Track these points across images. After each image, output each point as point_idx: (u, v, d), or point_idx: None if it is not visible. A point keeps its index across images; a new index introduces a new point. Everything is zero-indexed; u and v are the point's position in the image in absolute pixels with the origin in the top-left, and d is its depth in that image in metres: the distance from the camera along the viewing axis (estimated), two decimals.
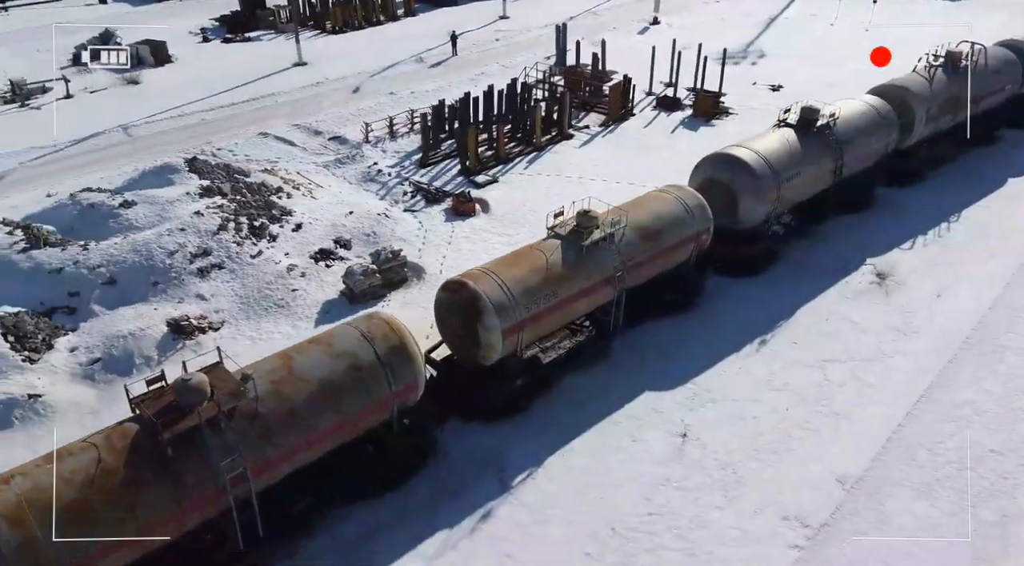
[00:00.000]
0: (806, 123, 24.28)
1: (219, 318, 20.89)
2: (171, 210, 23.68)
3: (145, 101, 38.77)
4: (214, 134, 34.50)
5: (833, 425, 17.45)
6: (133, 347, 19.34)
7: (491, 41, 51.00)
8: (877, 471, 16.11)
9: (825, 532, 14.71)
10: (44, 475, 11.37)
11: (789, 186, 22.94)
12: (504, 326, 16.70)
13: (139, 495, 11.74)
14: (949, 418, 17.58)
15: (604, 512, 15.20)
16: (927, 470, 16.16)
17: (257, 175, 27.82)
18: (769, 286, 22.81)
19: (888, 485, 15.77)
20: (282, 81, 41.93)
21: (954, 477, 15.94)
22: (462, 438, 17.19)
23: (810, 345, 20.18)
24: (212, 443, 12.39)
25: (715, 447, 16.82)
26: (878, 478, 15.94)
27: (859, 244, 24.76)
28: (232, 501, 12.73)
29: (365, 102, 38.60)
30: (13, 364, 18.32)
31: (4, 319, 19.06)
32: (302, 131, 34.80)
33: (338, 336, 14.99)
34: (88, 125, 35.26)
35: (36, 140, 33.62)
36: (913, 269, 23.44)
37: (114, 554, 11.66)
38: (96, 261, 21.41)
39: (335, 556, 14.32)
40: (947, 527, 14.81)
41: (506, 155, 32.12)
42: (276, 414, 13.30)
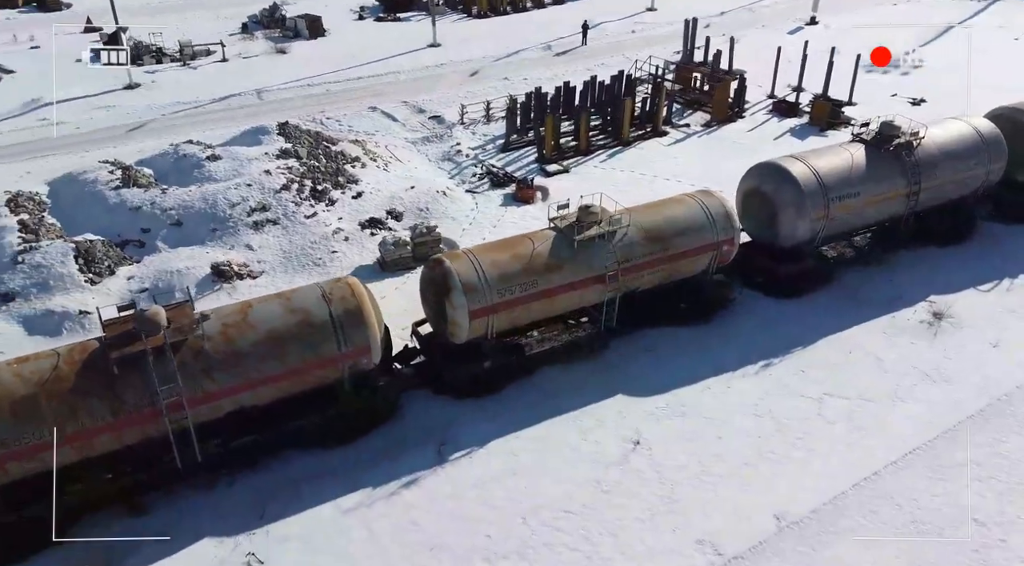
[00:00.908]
0: (881, 140, 22.31)
1: (260, 268, 22.95)
2: (246, 167, 26.15)
3: (285, 69, 42.34)
4: (331, 104, 37.17)
5: (802, 461, 16.28)
6: (177, 283, 21.81)
7: (627, 33, 50.44)
8: (825, 516, 14.91)
9: (736, 564, 13.94)
10: (7, 373, 13.49)
11: (843, 206, 21.25)
12: (472, 307, 17.13)
13: (80, 401, 13.57)
14: (940, 477, 15.81)
15: (523, 500, 15.33)
16: (887, 526, 14.72)
17: (344, 144, 29.84)
18: (804, 309, 21.37)
19: (831, 533, 14.56)
20: (410, 61, 44.07)
21: (915, 540, 14.43)
22: (426, 408, 17.90)
23: (818, 376, 18.80)
24: (154, 369, 13.99)
25: (663, 461, 16.30)
26: (823, 523, 14.75)
27: (929, 278, 22.44)
28: (168, 424, 14.31)
29: (478, 86, 39.77)
30: (76, 283, 21.34)
31: (80, 244, 22.18)
32: (408, 108, 36.60)
33: (300, 293, 16.20)
34: (230, 87, 39.23)
35: (182, 96, 38.00)
36: (980, 314, 20.96)
37: (63, 448, 13.57)
38: (169, 204, 24.24)
39: (266, 491, 15.57)
40: None
41: (587, 147, 32.04)
42: (220, 353, 14.71)
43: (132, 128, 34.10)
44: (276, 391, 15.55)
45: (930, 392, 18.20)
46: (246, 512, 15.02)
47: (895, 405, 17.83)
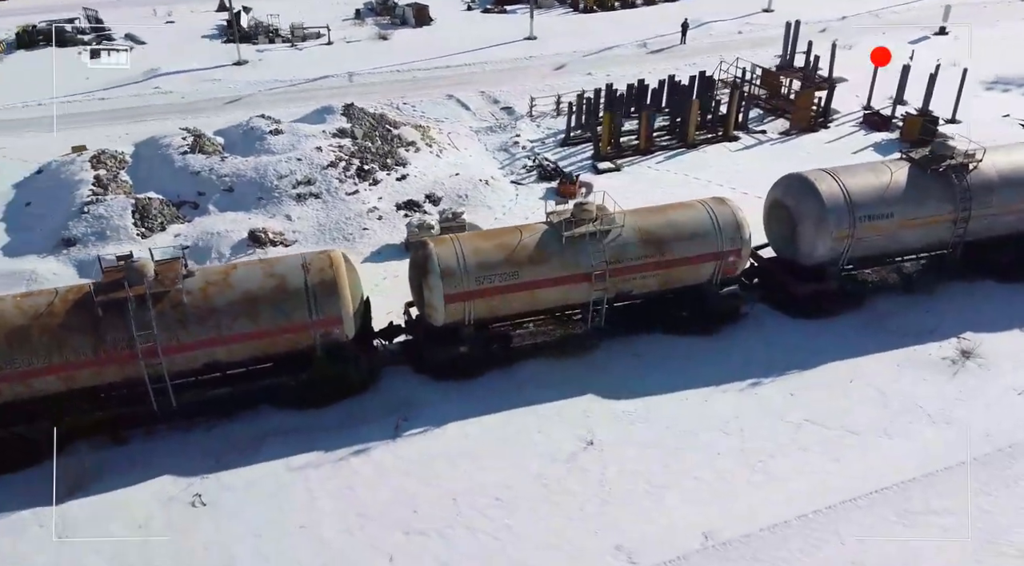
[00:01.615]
0: (930, 161, 20.66)
1: (293, 238, 24.39)
2: (302, 142, 27.72)
3: (382, 55, 44.19)
4: (414, 90, 38.55)
5: (755, 484, 15.56)
6: (214, 244, 23.62)
7: (733, 33, 48.86)
8: (759, 543, 14.23)
9: (640, 560, 13.67)
10: (8, 304, 15.31)
11: (874, 227, 19.89)
12: (448, 291, 17.54)
13: (65, 335, 15.17)
14: (903, 523, 14.65)
15: (461, 482, 15.60)
16: (822, 564, 13.90)
17: (404, 129, 30.94)
18: (819, 331, 20.24)
19: (759, 561, 13.89)
20: (502, 52, 44.78)
21: None
22: (402, 385, 18.53)
23: (806, 401, 17.81)
24: (134, 316, 15.40)
25: (611, 464, 16.07)
26: (754, 549, 14.08)
27: (973, 314, 20.58)
28: (144, 368, 15.71)
29: (559, 79, 39.93)
30: (130, 235, 23.58)
31: (140, 201, 24.44)
32: (484, 98, 37.35)
33: (283, 261, 17.23)
34: (326, 69, 41.48)
35: (281, 75, 40.60)
36: (1015, 357, 19.05)
37: (46, 377, 15.29)
38: (225, 172, 26.17)
39: (235, 441, 16.74)
40: None
41: (648, 146, 31.50)
42: (197, 308, 15.94)
43: (228, 101, 36.86)
44: (249, 349, 16.66)
45: (925, 432, 16.83)
46: (209, 457, 16.24)
47: (880, 441, 16.64)
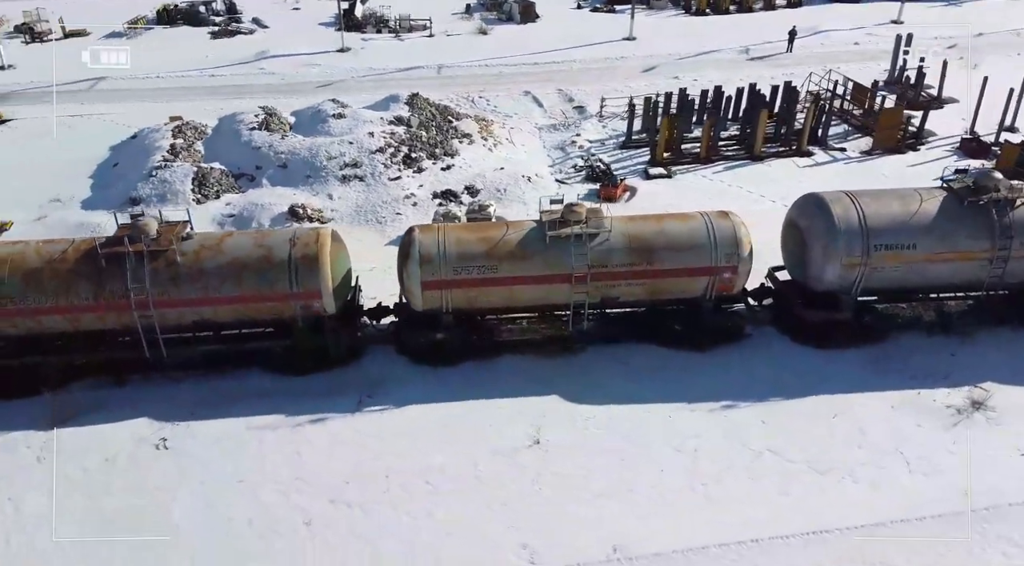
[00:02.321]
0: (970, 192, 18.93)
1: (330, 216, 25.73)
2: (359, 127, 29.05)
3: (478, 50, 45.28)
4: (494, 85, 39.31)
5: (688, 506, 15.01)
6: (257, 215, 25.34)
7: (849, 44, 46.27)
8: (666, 563, 13.81)
9: (542, 563, 13.63)
10: (26, 247, 17.33)
11: (892, 256, 18.49)
12: (425, 278, 18.04)
13: (71, 279, 16.98)
14: (846, 561, 13.75)
15: (398, 462, 16.08)
16: None
17: (464, 122, 31.71)
18: (822, 361, 19.10)
19: None
20: (596, 51, 44.70)
21: None
22: (382, 363, 19.22)
23: (777, 431, 16.90)
24: (130, 269, 17.01)
25: (552, 465, 16.02)
26: None
27: (1002, 363, 18.74)
28: (136, 318, 17.30)
29: (643, 81, 39.42)
30: (186, 200, 25.76)
31: (202, 169, 26.60)
32: (560, 96, 37.52)
33: (274, 233, 18.43)
34: (419, 60, 43.06)
35: (377, 63, 42.59)
36: None
37: (53, 315, 17.19)
38: (282, 149, 27.94)
39: (216, 395, 18.05)
40: None
41: (708, 155, 30.55)
42: (188, 268, 17.32)
43: (320, 85, 39.12)
44: (235, 312, 17.91)
45: (899, 479, 15.53)
46: (185, 408, 17.65)
47: (843, 482, 15.55)
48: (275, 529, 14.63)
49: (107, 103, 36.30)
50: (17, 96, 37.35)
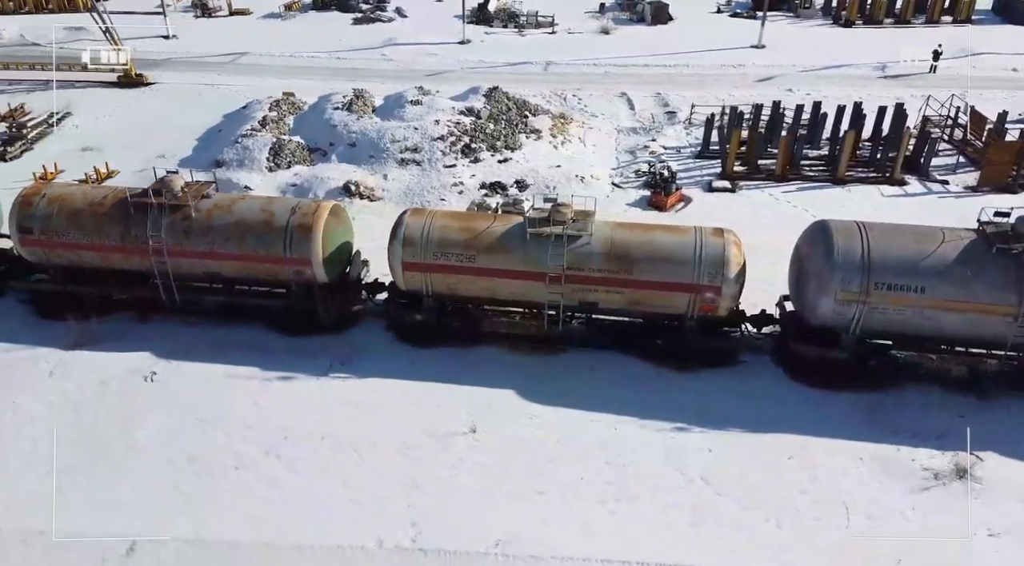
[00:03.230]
0: (1003, 237, 16.78)
1: (380, 195, 27.12)
2: (429, 115, 30.20)
3: (594, 49, 45.07)
4: (593, 84, 39.15)
5: (592, 518, 14.71)
6: (315, 187, 27.23)
7: (1005, 69, 41.34)
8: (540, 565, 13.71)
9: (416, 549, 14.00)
10: (77, 190, 19.92)
11: (896, 298, 16.84)
12: (406, 259, 18.78)
13: (103, 223, 19.35)
14: None
15: (337, 427, 16.90)
16: None
17: (539, 118, 32.01)
18: (804, 400, 17.89)
19: None
20: (717, 57, 43.07)
21: None
22: (366, 336, 20.28)
23: (722, 462, 16.08)
24: (151, 219, 19.14)
25: (478, 455, 16.25)
26: None
27: (1012, 434, 16.60)
28: (153, 262, 19.43)
29: (749, 91, 37.70)
30: (260, 167, 28.18)
31: (281, 141, 28.93)
32: (655, 100, 36.74)
33: (280, 201, 19.96)
34: (529, 56, 43.67)
35: (489, 57, 43.67)
36: None
37: (89, 251, 19.71)
38: (355, 129, 29.68)
39: (217, 341, 19.85)
40: None
41: (784, 173, 28.84)
42: (199, 223, 19.18)
43: (429, 74, 40.79)
44: (237, 268, 19.57)
45: (827, 534, 14.32)
46: (185, 349, 19.56)
47: (764, 524, 14.58)
48: (209, 468, 16.03)
49: (239, 76, 40.12)
50: (171, 63, 42.13)
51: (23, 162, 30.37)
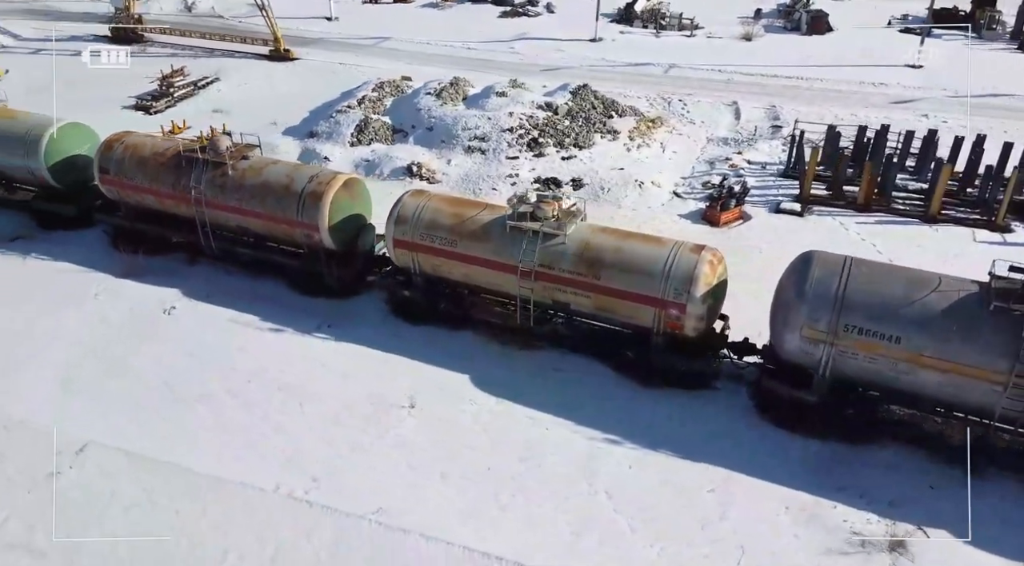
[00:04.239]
0: (1006, 295, 14.60)
1: (439, 178, 28.26)
2: (507, 106, 30.81)
3: (727, 54, 43.18)
4: (707, 90, 37.68)
5: (479, 507, 14.90)
6: (383, 165, 28.91)
7: None
8: (409, 540, 14.10)
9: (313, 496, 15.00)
10: (148, 140, 22.82)
11: (867, 344, 15.28)
12: (396, 236, 19.73)
13: (161, 171, 22.05)
14: None
15: (294, 380, 18.31)
16: None
17: (623, 120, 31.61)
18: (759, 438, 16.75)
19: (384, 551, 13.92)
20: (861, 73, 39.74)
21: None
22: (367, 306, 21.51)
23: (635, 481, 15.60)
24: (196, 172, 21.57)
25: (404, 428, 17.00)
26: (400, 540, 14.06)
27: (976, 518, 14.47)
28: (195, 210, 21.88)
29: (874, 111, 34.43)
30: (343, 141, 30.34)
31: (368, 119, 30.95)
32: (766, 113, 34.77)
33: (304, 169, 21.63)
34: (657, 58, 42.73)
35: (612, 56, 43.27)
36: None
37: (148, 195, 22.58)
38: (436, 114, 31.04)
39: (238, 287, 22.03)
40: None
41: (867, 202, 26.39)
42: (233, 181, 21.32)
43: (546, 69, 41.30)
44: (261, 225, 21.55)
45: None
46: (208, 291, 21.83)
47: (645, 549, 14.03)
48: (177, 396, 17.97)
49: (373, 58, 42.90)
50: (321, 42, 45.94)
51: (164, 116, 34.77)
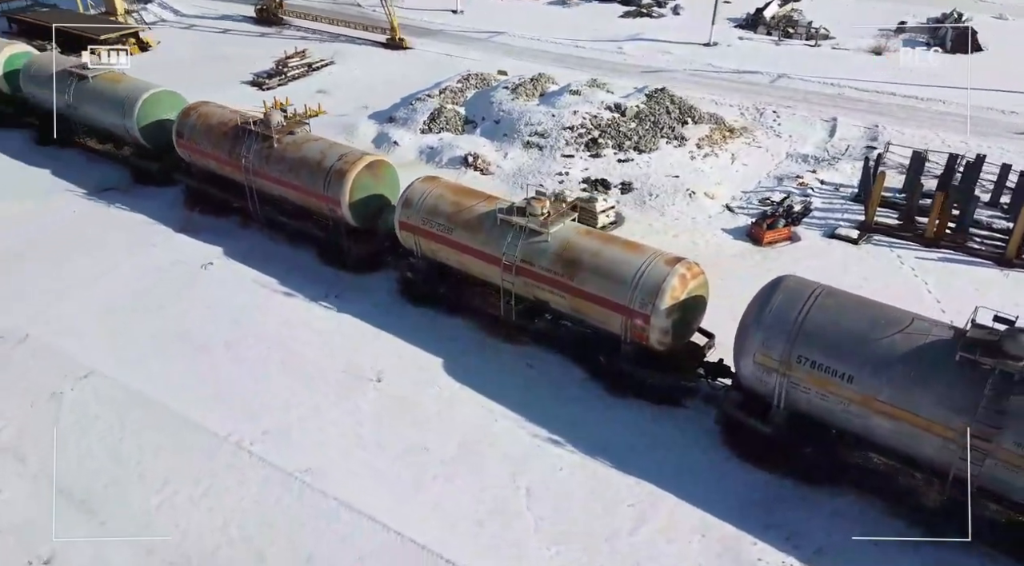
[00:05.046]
0: (976, 346, 13.06)
1: (493, 170, 28.79)
2: (575, 105, 30.67)
3: (845, 68, 40.33)
4: (808, 102, 35.58)
5: (401, 480, 15.45)
6: (443, 153, 29.85)
7: None
8: (323, 502, 14.87)
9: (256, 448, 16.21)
10: (217, 110, 25.06)
11: (819, 380, 14.27)
12: (401, 218, 20.57)
13: (222, 139, 24.16)
14: None
15: (287, 340, 19.76)
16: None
17: (697, 128, 30.63)
18: (709, 465, 16.14)
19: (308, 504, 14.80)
20: (989, 97, 35.87)
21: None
22: (382, 283, 22.48)
23: (559, 482, 15.58)
24: (247, 142, 23.49)
25: (367, 398, 17.98)
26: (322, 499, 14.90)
27: None
28: (245, 177, 23.84)
29: (993, 141, 31.16)
30: (414, 128, 31.57)
31: (441, 108, 32.01)
32: (864, 133, 32.38)
33: (336, 147, 22.88)
34: (770, 66, 40.75)
35: (723, 63, 41.69)
36: None
37: (211, 160, 24.82)
38: (505, 108, 31.54)
39: (274, 253, 23.80)
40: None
41: (937, 236, 24.09)
42: (276, 153, 23.03)
43: (647, 71, 40.59)
44: (296, 196, 23.13)
45: None
46: (244, 254, 23.70)
47: (536, 551, 14.05)
48: (187, 344, 19.87)
49: (478, 52, 43.83)
50: (439, 34, 47.64)
51: (275, 92, 37.68)
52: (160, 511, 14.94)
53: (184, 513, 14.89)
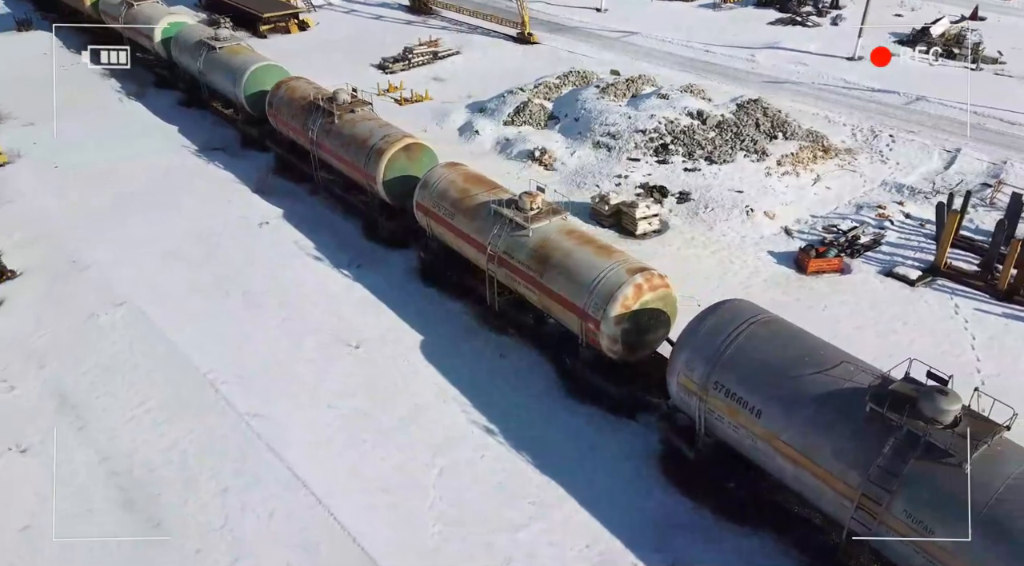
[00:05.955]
0: (885, 400, 11.70)
1: (556, 167, 28.97)
2: (658, 109, 29.87)
3: (1002, 97, 35.86)
4: (938, 130, 32.07)
5: (337, 442, 16.36)
6: (516, 145, 30.35)
7: None
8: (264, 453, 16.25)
9: (223, 389, 17.86)
10: (301, 84, 27.25)
11: (726, 407, 13.43)
12: (418, 199, 21.52)
13: (299, 112, 26.27)
14: None
15: (295, 297, 21.30)
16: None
17: (787, 143, 28.83)
18: (632, 478, 15.76)
19: None
20: None
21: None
22: (403, 259, 23.54)
23: (470, 469, 15.80)
24: (315, 116, 25.45)
25: (338, 362, 19.08)
26: None
27: None
28: (309, 145, 25.85)
29: None
30: (499, 120, 32.24)
31: (528, 102, 32.53)
32: (989, 165, 28.82)
33: (383, 127, 24.10)
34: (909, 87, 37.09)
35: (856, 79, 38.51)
36: None
37: (290, 130, 27.07)
38: (587, 107, 31.37)
39: (326, 219, 25.69)
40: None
41: (1010, 289, 21.20)
42: (335, 129, 24.78)
43: (767, 81, 38.37)
44: (347, 170, 24.79)
45: None
46: (299, 218, 25.74)
47: (424, 529, 14.38)
48: (218, 291, 22.03)
49: (601, 51, 42.93)
50: (573, 31, 47.78)
51: (396, 76, 39.97)
52: (126, 426, 17.01)
53: (144, 431, 16.85)
